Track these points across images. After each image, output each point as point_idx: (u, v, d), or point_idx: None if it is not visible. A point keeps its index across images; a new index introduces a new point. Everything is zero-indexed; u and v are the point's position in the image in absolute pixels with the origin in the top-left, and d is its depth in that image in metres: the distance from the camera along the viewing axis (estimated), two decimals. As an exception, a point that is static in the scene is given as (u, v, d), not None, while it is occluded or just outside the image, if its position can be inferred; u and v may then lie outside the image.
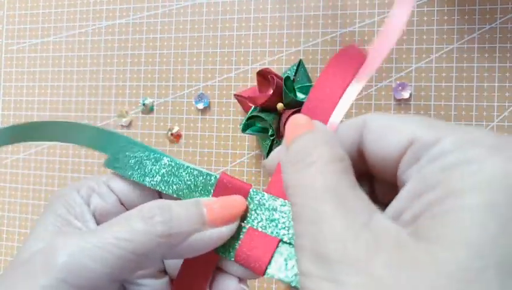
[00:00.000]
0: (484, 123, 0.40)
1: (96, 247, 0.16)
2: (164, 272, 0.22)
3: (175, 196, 0.19)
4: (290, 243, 0.17)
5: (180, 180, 0.19)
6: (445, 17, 0.41)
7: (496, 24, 0.40)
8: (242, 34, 0.46)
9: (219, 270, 0.19)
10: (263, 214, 0.18)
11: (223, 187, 0.19)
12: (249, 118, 0.41)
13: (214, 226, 0.17)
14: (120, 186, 0.20)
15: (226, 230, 0.17)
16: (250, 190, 0.18)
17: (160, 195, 0.21)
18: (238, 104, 0.45)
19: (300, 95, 0.41)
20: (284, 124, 0.40)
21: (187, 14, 0.48)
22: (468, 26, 0.41)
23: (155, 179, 0.20)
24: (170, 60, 0.48)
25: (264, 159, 0.45)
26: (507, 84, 0.40)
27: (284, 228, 0.17)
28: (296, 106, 0.40)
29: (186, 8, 0.48)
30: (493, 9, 0.40)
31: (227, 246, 0.18)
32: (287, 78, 0.40)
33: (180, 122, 0.47)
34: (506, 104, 0.40)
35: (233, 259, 0.18)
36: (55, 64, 0.52)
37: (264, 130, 0.41)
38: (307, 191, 0.13)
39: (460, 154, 0.12)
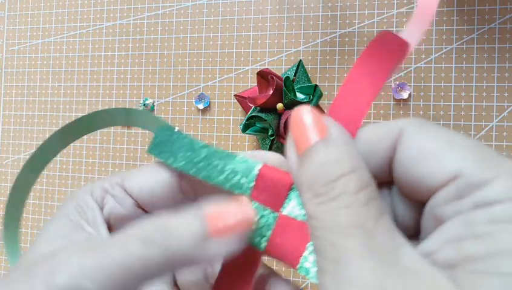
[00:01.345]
0: (483, 123, 0.40)
1: (95, 269, 0.14)
2: (176, 286, 0.21)
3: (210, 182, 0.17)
4: None
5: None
6: (444, 18, 0.41)
7: (495, 24, 0.40)
8: (243, 34, 0.46)
9: (271, 273, 0.17)
10: (297, 199, 0.16)
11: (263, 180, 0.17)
12: (249, 118, 0.42)
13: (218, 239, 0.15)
14: (137, 188, 0.18)
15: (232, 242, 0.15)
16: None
17: (182, 192, 0.19)
18: (238, 104, 0.45)
19: (300, 95, 0.42)
20: (284, 124, 0.40)
21: (188, 14, 0.48)
22: (467, 26, 0.41)
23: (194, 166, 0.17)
24: (171, 61, 0.48)
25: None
26: (506, 85, 0.40)
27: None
28: (295, 106, 0.40)
29: (186, 9, 0.48)
30: (492, 10, 0.40)
31: (258, 236, 0.16)
32: (287, 78, 0.40)
33: (181, 122, 0.48)
34: (505, 104, 0.40)
35: (263, 250, 0.16)
36: (56, 64, 0.52)
37: (264, 130, 0.42)
38: (331, 226, 0.12)
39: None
